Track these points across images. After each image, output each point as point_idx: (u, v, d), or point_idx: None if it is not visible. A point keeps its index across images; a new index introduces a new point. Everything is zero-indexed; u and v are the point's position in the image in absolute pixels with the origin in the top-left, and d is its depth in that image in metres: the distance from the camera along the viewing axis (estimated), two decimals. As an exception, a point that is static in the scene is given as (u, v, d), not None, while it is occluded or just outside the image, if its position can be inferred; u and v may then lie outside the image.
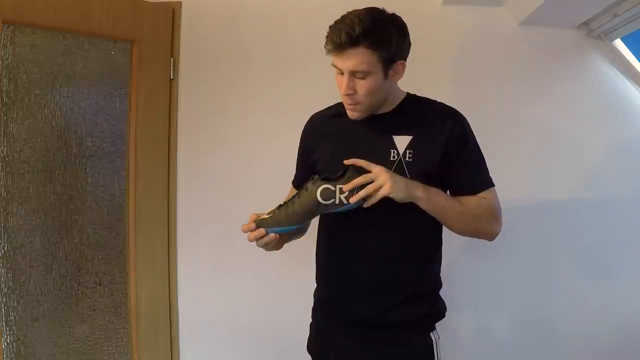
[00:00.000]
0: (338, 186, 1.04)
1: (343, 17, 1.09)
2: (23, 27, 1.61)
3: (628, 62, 1.86)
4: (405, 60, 1.15)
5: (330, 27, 1.09)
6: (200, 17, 1.89)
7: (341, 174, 1.07)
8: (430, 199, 1.10)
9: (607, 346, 1.88)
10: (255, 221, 1.10)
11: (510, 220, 1.21)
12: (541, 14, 1.70)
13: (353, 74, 1.09)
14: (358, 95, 1.11)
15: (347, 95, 1.12)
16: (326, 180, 1.06)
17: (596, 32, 1.80)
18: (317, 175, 1.08)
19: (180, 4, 1.88)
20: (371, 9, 1.10)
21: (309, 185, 1.08)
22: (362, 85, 1.10)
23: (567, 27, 1.83)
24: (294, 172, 1.39)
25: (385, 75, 1.11)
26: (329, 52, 1.09)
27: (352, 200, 1.04)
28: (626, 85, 1.87)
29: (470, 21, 1.85)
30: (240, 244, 1.11)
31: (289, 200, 1.11)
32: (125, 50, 1.80)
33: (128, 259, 1.81)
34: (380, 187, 1.03)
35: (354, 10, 1.09)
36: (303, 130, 1.35)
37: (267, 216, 1.10)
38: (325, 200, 1.05)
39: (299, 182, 1.33)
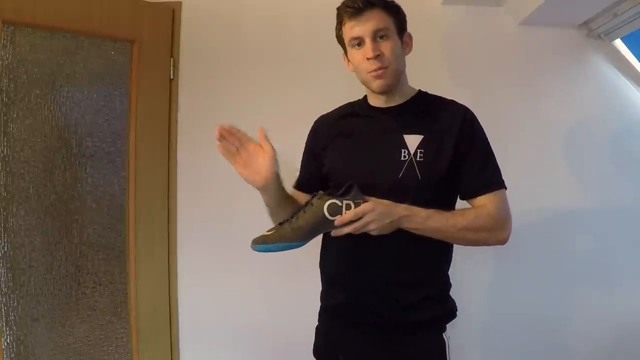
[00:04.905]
0: (345, 202, 1.03)
1: None
2: (23, 27, 1.61)
3: (628, 62, 1.86)
4: None
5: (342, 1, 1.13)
6: (200, 17, 1.89)
7: (345, 190, 1.05)
8: (418, 227, 1.09)
9: (608, 345, 1.89)
10: (257, 238, 1.06)
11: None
12: (541, 14, 1.71)
13: (375, 35, 1.11)
14: (385, 57, 1.11)
15: (374, 58, 1.11)
16: (332, 195, 1.05)
17: (596, 32, 1.80)
18: (321, 191, 1.06)
19: (180, 4, 1.88)
20: None
21: (315, 200, 1.05)
22: (386, 46, 1.11)
23: (567, 27, 1.84)
24: (295, 172, 1.37)
25: (401, 42, 1.16)
26: (347, 20, 1.12)
27: (335, 233, 1.04)
28: (626, 85, 1.87)
29: (470, 21, 1.85)
30: (241, 244, 1.11)
31: (292, 217, 1.08)
32: (125, 50, 1.80)
33: (128, 259, 1.81)
34: (366, 225, 1.03)
35: None
36: (310, 132, 1.34)
37: (268, 233, 1.06)
38: (332, 216, 1.03)
39: (302, 184, 1.33)
